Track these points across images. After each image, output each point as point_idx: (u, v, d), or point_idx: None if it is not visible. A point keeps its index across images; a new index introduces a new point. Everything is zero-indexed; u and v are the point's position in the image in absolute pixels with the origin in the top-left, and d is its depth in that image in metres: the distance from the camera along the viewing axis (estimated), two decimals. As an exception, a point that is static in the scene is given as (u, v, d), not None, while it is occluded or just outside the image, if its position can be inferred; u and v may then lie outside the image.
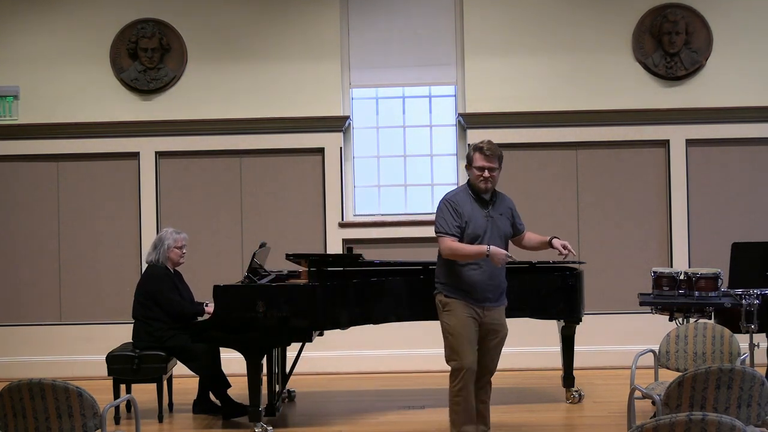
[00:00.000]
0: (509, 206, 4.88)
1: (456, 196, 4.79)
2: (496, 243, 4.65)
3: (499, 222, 4.75)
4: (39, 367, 7.31)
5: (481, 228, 4.68)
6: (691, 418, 2.74)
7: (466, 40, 7.59)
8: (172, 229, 6.21)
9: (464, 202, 4.73)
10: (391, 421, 5.82)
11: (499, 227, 4.74)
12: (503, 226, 4.77)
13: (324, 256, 6.90)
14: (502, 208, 4.81)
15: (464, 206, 4.71)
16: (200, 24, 7.66)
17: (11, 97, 7.66)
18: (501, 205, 4.82)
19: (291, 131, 7.61)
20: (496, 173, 4.73)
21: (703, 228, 7.52)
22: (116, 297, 7.44)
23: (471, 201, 4.74)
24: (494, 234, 4.70)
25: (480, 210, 4.72)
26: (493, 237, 4.68)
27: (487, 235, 4.67)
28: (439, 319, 4.80)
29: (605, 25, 7.56)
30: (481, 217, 4.70)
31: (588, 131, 7.55)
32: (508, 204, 4.89)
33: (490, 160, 4.68)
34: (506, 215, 4.82)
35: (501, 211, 4.80)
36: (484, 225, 4.69)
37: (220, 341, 5.53)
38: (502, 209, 4.81)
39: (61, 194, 7.69)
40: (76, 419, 3.56)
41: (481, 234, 4.66)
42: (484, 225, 4.69)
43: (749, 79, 7.50)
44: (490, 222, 4.71)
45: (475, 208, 4.72)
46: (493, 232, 4.70)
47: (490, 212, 4.74)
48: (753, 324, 5.15)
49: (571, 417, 5.84)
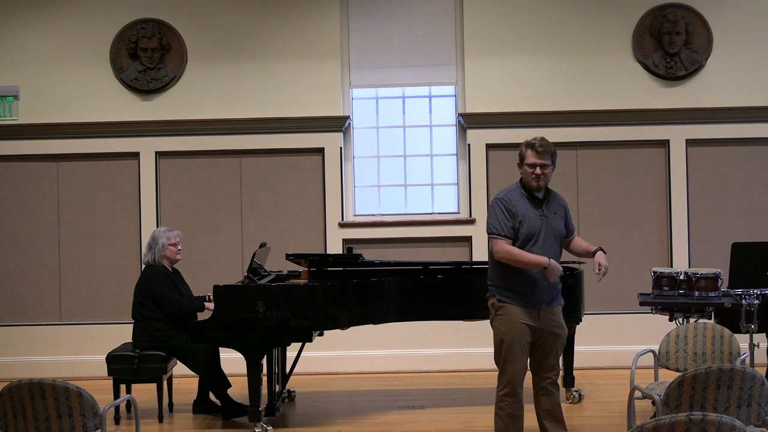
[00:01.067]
0: (563, 205, 4.70)
1: (509, 195, 4.58)
2: (551, 243, 4.51)
3: (553, 221, 4.56)
4: (39, 367, 7.31)
5: (536, 227, 4.49)
6: (691, 418, 2.74)
7: (466, 40, 7.59)
8: (164, 228, 6.24)
9: (518, 201, 4.55)
10: (391, 421, 5.82)
11: (553, 227, 4.55)
12: (557, 226, 4.58)
13: (324, 256, 6.90)
14: (555, 206, 4.62)
15: (518, 205, 4.53)
16: (200, 24, 7.66)
17: (11, 97, 7.66)
18: (555, 204, 4.63)
19: (291, 131, 7.61)
20: (549, 170, 4.54)
21: (703, 228, 7.52)
22: (116, 297, 7.45)
23: (524, 200, 4.55)
24: (549, 233, 4.52)
25: (534, 209, 4.54)
26: (548, 237, 4.51)
27: (542, 235, 4.49)
28: (489, 322, 4.62)
29: (605, 25, 7.56)
30: (535, 217, 4.52)
31: (588, 131, 7.55)
32: (562, 203, 4.71)
33: (543, 157, 4.51)
34: (560, 214, 4.63)
35: (555, 209, 4.61)
36: (539, 224, 4.50)
37: (220, 341, 5.53)
38: (556, 208, 4.62)
39: (61, 194, 7.69)
40: (76, 419, 3.56)
41: (536, 233, 4.49)
42: (539, 224, 4.49)
43: (749, 79, 7.50)
44: (545, 221, 4.52)
45: (528, 207, 4.53)
46: (548, 231, 4.51)
47: (544, 211, 4.54)
48: (753, 324, 5.15)
49: (571, 417, 5.82)
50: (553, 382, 4.64)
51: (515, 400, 4.52)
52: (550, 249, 4.51)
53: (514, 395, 4.51)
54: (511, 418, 4.53)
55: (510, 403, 4.52)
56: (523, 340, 4.50)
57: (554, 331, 4.58)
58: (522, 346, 4.50)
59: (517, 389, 4.52)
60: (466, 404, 6.18)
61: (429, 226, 7.52)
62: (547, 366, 4.61)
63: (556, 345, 4.62)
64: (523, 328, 4.49)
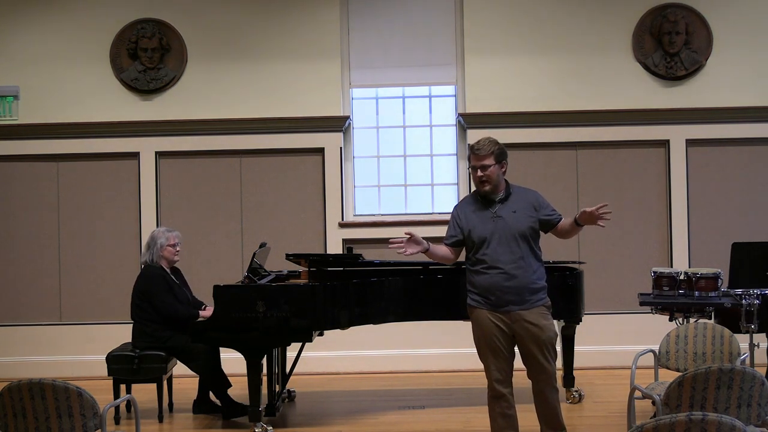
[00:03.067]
0: (529, 200, 4.56)
1: (462, 203, 4.69)
2: (508, 244, 4.43)
3: (510, 220, 4.47)
4: (39, 367, 7.31)
5: (486, 231, 4.47)
6: (691, 418, 2.74)
7: (466, 40, 7.59)
8: (164, 228, 6.23)
9: (467, 209, 4.59)
10: (391, 421, 5.82)
11: (510, 226, 4.46)
12: (517, 224, 4.47)
13: (324, 256, 6.90)
14: (517, 204, 4.52)
15: (466, 212, 4.57)
16: (200, 24, 7.66)
17: (11, 97, 7.66)
18: (516, 202, 4.53)
19: (291, 131, 7.60)
20: (493, 169, 4.47)
21: (703, 228, 7.52)
22: (116, 297, 7.44)
23: (476, 205, 4.56)
24: (504, 235, 4.45)
25: (486, 211, 4.52)
26: (504, 238, 4.44)
27: (495, 237, 4.46)
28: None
29: (605, 25, 7.56)
30: (486, 220, 4.49)
31: (588, 131, 7.55)
32: (528, 198, 4.58)
33: (482, 159, 4.48)
34: (524, 211, 4.51)
35: (515, 208, 4.51)
36: (491, 226, 4.47)
37: (220, 341, 5.53)
38: (518, 206, 4.52)
39: (61, 194, 7.69)
40: (76, 419, 3.56)
41: (487, 237, 4.47)
42: (490, 227, 4.47)
43: (749, 79, 7.50)
44: (499, 222, 4.47)
45: (479, 211, 4.54)
46: (503, 233, 4.45)
47: (497, 212, 4.50)
48: (753, 324, 5.15)
49: (571, 417, 5.82)
50: (547, 385, 4.54)
51: (502, 400, 4.52)
52: (506, 251, 4.44)
53: (499, 396, 4.52)
54: (503, 418, 4.54)
55: (499, 404, 4.53)
56: (492, 344, 4.47)
57: (531, 334, 4.46)
58: (493, 349, 4.48)
59: (500, 390, 4.50)
60: (466, 404, 6.18)
61: (429, 226, 7.50)
62: (534, 369, 4.54)
63: (536, 348, 4.48)
64: (491, 332, 4.47)
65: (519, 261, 4.45)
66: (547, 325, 4.50)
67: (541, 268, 4.58)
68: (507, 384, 4.53)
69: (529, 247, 4.51)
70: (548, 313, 4.56)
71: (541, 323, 4.48)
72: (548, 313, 4.56)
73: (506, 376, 4.53)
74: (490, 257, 4.46)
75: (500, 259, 4.44)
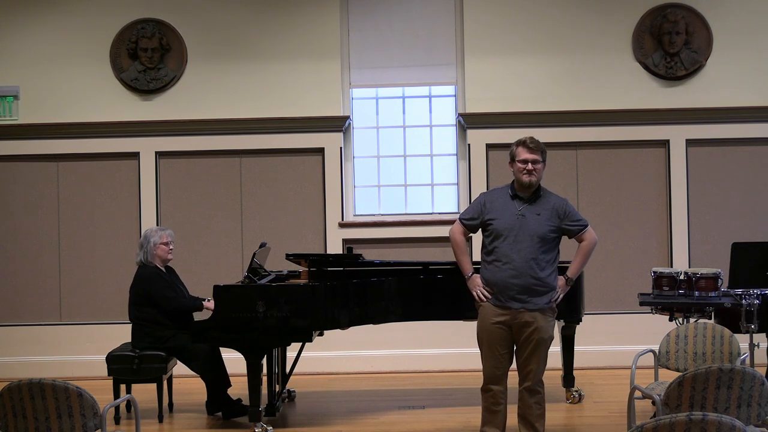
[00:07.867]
0: (555, 206, 4.63)
1: (493, 191, 4.82)
2: (525, 243, 4.50)
3: (532, 222, 4.54)
4: (39, 367, 7.30)
5: (508, 225, 4.54)
6: (691, 418, 2.74)
7: (466, 40, 7.59)
8: (156, 227, 6.24)
9: (498, 199, 4.66)
10: (391, 421, 5.82)
11: (530, 227, 4.53)
12: (537, 227, 4.53)
13: (324, 256, 6.89)
14: (542, 207, 4.60)
15: (495, 202, 4.64)
16: (200, 24, 7.66)
17: (11, 97, 7.66)
18: (542, 205, 4.61)
19: (291, 131, 7.60)
20: (540, 166, 4.62)
21: (703, 228, 7.52)
22: (116, 297, 7.43)
23: (506, 198, 4.64)
24: (524, 233, 4.52)
25: (512, 207, 4.59)
26: (522, 236, 4.51)
27: (513, 233, 4.52)
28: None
29: (605, 25, 7.55)
30: (510, 215, 4.56)
31: (588, 131, 7.55)
32: (554, 204, 4.64)
33: (534, 153, 4.60)
34: (548, 216, 4.58)
35: (539, 210, 4.58)
36: (513, 223, 4.54)
37: (220, 341, 5.52)
38: (543, 209, 4.59)
39: (61, 194, 7.69)
40: (76, 419, 3.56)
41: (507, 231, 4.53)
42: (512, 223, 4.54)
43: (749, 79, 7.50)
44: (521, 221, 4.54)
45: (507, 205, 4.61)
46: (522, 231, 4.52)
47: (523, 211, 4.57)
48: (753, 324, 5.15)
49: (571, 417, 5.83)
50: (530, 388, 4.64)
51: (491, 395, 4.65)
52: (521, 248, 4.53)
53: (487, 391, 4.66)
54: (488, 412, 4.68)
55: (486, 398, 4.67)
56: (493, 340, 4.58)
57: (526, 335, 4.56)
58: (492, 345, 4.59)
59: (490, 385, 4.63)
60: (466, 404, 6.17)
61: (429, 226, 7.51)
62: (524, 371, 4.64)
63: (531, 349, 4.56)
64: (493, 328, 4.58)
65: (530, 261, 4.52)
66: (545, 327, 4.58)
67: (553, 273, 4.63)
68: (499, 380, 4.63)
69: (544, 250, 4.57)
70: (551, 317, 4.64)
71: (541, 325, 4.56)
72: (551, 317, 4.64)
73: (500, 372, 4.63)
74: (504, 252, 4.55)
75: (512, 256, 4.53)
